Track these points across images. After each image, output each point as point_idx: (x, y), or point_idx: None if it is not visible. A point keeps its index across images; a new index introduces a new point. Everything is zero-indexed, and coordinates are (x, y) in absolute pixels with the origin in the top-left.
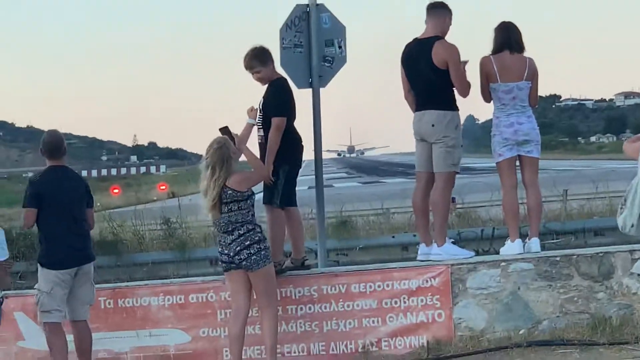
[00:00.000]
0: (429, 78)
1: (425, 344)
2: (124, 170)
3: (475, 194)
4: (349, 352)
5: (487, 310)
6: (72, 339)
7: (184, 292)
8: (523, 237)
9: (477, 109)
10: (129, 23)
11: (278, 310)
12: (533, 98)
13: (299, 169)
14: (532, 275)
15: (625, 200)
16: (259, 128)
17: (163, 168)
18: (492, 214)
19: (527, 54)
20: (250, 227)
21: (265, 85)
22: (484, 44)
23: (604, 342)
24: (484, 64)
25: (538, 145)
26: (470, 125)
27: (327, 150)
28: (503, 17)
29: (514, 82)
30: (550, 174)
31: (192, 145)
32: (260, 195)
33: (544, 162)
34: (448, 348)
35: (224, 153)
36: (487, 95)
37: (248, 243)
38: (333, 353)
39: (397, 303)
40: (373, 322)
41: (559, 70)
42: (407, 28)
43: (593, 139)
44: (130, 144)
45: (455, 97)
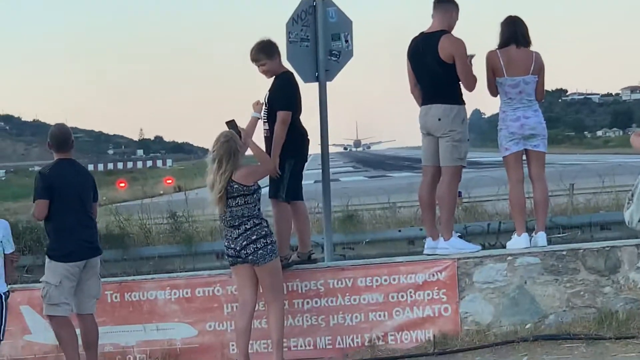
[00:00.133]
0: (436, 72)
1: (432, 338)
2: (130, 164)
3: (482, 188)
4: (356, 346)
5: (493, 305)
6: (78, 333)
7: (191, 286)
8: (529, 231)
9: (483, 103)
10: (136, 17)
11: (284, 305)
12: (539, 92)
13: (305, 163)
14: (538, 270)
15: (633, 196)
16: (264, 122)
17: (169, 162)
18: (498, 208)
19: (533, 48)
20: (257, 221)
21: (271, 79)
22: (491, 38)
23: (611, 336)
24: (491, 58)
25: (544, 140)
26: (477, 119)
27: (333, 144)
28: (509, 11)
29: (521, 76)
30: (557, 168)
31: (198, 139)
32: (267, 190)
33: (551, 156)
34: (454, 342)
35: (231, 147)
36: (493, 90)
37: (254, 237)
38: (339, 347)
39: (403, 297)
40: (379, 316)
41: (566, 65)
42: (413, 22)
43: (599, 133)
44: (137, 138)
45: (462, 91)
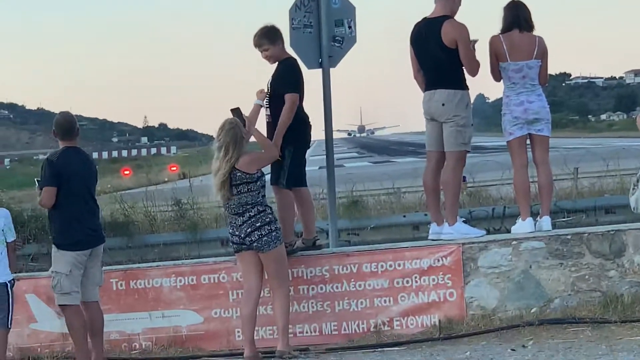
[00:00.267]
0: (439, 57)
1: (437, 323)
2: (135, 152)
3: (486, 173)
4: (361, 331)
5: (498, 289)
6: None
7: (196, 273)
8: (534, 215)
9: (487, 88)
10: (139, 4)
11: (290, 291)
12: (543, 77)
13: (307, 150)
14: (543, 254)
15: (638, 181)
16: (266, 107)
17: (174, 149)
18: (503, 193)
19: (536, 33)
20: (261, 208)
21: (274, 65)
22: (493, 23)
23: (616, 319)
24: (494, 43)
25: (548, 124)
26: (481, 104)
27: (337, 130)
28: None
29: (524, 60)
30: (561, 152)
31: (202, 126)
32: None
33: (555, 140)
34: (460, 327)
35: (237, 133)
36: (496, 75)
37: (259, 224)
38: (345, 333)
39: (408, 282)
40: (385, 301)
41: (569, 49)
42: (416, 8)
43: (603, 117)
44: (141, 126)
45: (465, 76)
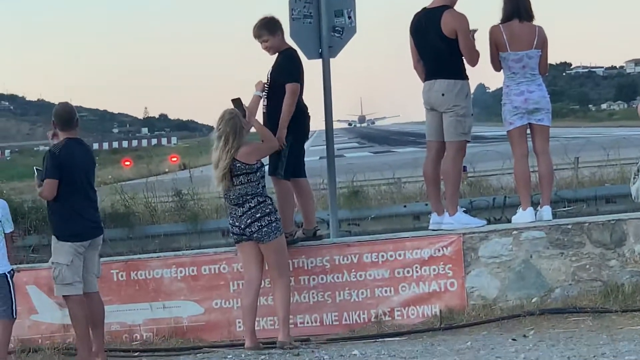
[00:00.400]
0: (438, 47)
1: (438, 313)
2: (135, 143)
3: (487, 163)
4: (362, 322)
5: (499, 279)
6: None
7: (197, 263)
8: (535, 205)
9: (487, 78)
10: None
11: (290, 281)
12: (543, 66)
13: (306, 140)
14: (544, 244)
15: (639, 170)
16: (265, 97)
17: (174, 140)
18: (503, 183)
19: (536, 22)
20: (261, 199)
21: (274, 56)
22: (493, 13)
23: (617, 309)
24: (494, 33)
25: (549, 114)
26: (481, 94)
27: (337, 120)
28: None
29: (524, 50)
30: (561, 142)
31: (203, 117)
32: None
33: (555, 130)
34: (461, 317)
35: (236, 124)
36: (496, 64)
37: (259, 215)
38: (346, 323)
39: (409, 272)
40: (385, 291)
41: (569, 38)
42: None
43: (604, 107)
44: (141, 116)
45: (465, 66)
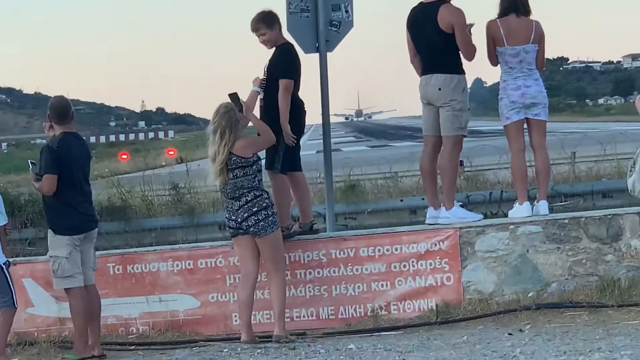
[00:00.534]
0: (435, 42)
1: (434, 308)
2: (132, 136)
3: (484, 157)
4: (358, 316)
5: (495, 273)
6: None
7: (193, 257)
8: (531, 199)
9: (485, 72)
10: None
11: (286, 275)
12: (540, 61)
13: (302, 135)
14: (540, 238)
15: (635, 163)
16: (262, 90)
17: (171, 133)
18: (500, 177)
19: (533, 17)
20: (258, 193)
21: (271, 50)
22: (490, 8)
23: (613, 304)
24: (491, 28)
25: (545, 108)
26: (478, 88)
27: (334, 114)
28: None
29: (521, 45)
30: (558, 137)
31: (200, 111)
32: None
33: (552, 124)
34: (457, 311)
35: (232, 117)
36: (493, 59)
37: (255, 209)
38: (342, 317)
39: (405, 267)
40: (382, 286)
41: (566, 33)
42: None
43: (601, 101)
44: (139, 110)
45: (462, 60)
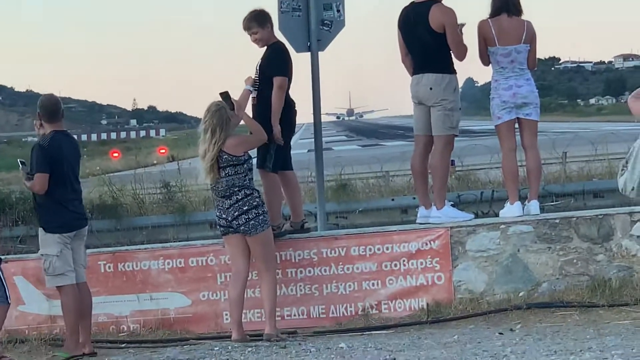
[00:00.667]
0: (426, 41)
1: (425, 307)
2: (124, 134)
3: (475, 157)
4: (349, 314)
5: (486, 273)
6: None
7: (184, 255)
8: (522, 199)
9: (476, 72)
10: None
11: (277, 274)
12: (532, 61)
13: (292, 134)
14: (531, 238)
15: (627, 163)
16: (254, 89)
17: (163, 132)
18: (491, 177)
19: (525, 17)
20: (248, 191)
21: (263, 48)
22: (482, 7)
23: (604, 304)
24: (482, 28)
25: (537, 108)
26: (470, 88)
27: (326, 114)
28: None
29: (512, 45)
30: (550, 136)
31: (191, 109)
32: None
33: (543, 124)
34: (448, 310)
35: (223, 115)
36: (485, 59)
37: (246, 208)
38: (333, 316)
39: (396, 266)
40: (373, 284)
41: (558, 33)
42: None
43: (592, 101)
44: (130, 108)
45: (453, 60)
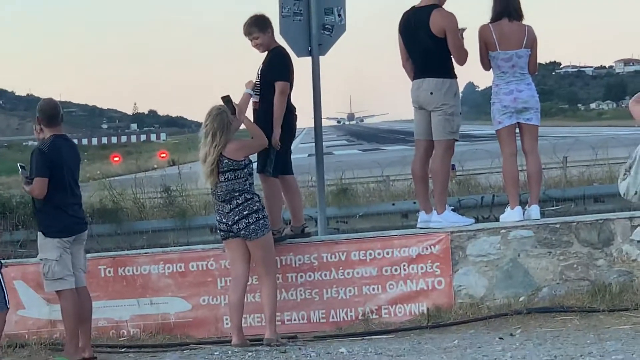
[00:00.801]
0: (427, 46)
1: (426, 312)
2: (124, 138)
3: (475, 161)
4: (349, 319)
5: (487, 278)
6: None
7: (184, 260)
8: (523, 204)
9: (477, 76)
10: None
11: (277, 279)
12: (532, 65)
13: (293, 138)
14: (532, 243)
15: (630, 167)
16: (255, 94)
17: (163, 136)
18: (492, 181)
19: (526, 22)
20: (249, 196)
21: (264, 53)
22: (483, 12)
23: (604, 308)
24: (483, 32)
25: (537, 113)
26: (470, 93)
27: (326, 118)
28: None
29: (513, 50)
30: (550, 141)
31: (192, 113)
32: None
33: (544, 129)
34: (448, 315)
35: (224, 119)
36: (486, 64)
37: (246, 212)
38: (333, 321)
39: (397, 270)
40: (373, 289)
41: (559, 38)
42: None
43: (593, 106)
44: (131, 112)
45: (454, 65)
